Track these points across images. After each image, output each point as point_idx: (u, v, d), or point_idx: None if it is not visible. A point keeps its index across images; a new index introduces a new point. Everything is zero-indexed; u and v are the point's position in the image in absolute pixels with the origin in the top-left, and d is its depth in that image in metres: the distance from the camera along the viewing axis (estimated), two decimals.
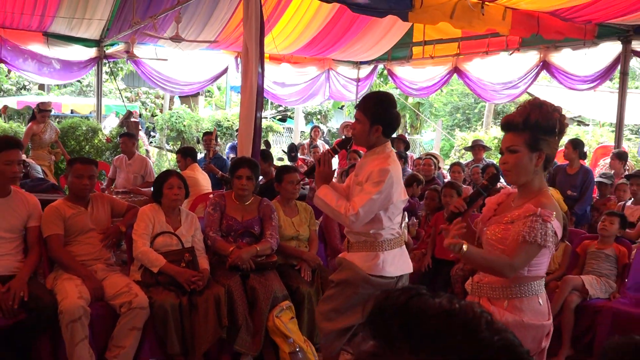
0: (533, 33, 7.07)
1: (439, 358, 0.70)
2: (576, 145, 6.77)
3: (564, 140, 12.36)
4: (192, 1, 7.37)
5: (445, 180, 7.78)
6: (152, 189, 7.21)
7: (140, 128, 10.41)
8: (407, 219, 5.97)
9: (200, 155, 8.32)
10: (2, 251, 3.82)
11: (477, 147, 8.80)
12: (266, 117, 13.91)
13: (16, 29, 8.87)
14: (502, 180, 5.23)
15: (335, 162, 9.02)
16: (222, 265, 4.28)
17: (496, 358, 0.70)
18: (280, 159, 10.63)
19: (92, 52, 9.71)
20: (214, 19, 8.89)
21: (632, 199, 6.17)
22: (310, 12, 9.02)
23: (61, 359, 3.70)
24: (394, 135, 11.90)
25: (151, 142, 14.67)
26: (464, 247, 2.35)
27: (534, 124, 2.42)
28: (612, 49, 7.96)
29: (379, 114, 3.20)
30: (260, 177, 5.91)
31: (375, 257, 3.23)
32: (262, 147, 7.67)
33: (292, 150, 9.88)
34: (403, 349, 0.72)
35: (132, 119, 10.13)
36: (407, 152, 9.63)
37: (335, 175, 6.12)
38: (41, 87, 18.04)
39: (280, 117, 20.10)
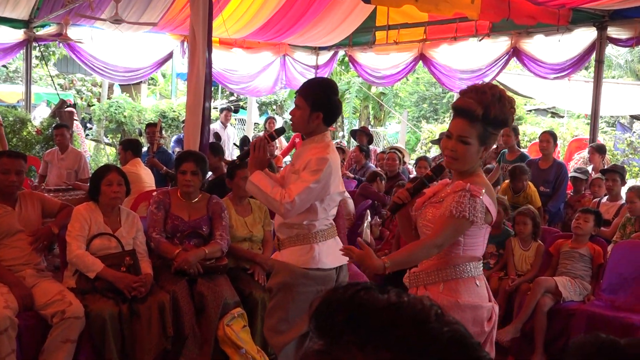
0: (504, 18, 7.21)
1: (387, 352, 0.72)
2: (555, 137, 7.01)
3: (538, 132, 12.61)
4: None
5: (411, 176, 7.88)
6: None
7: (75, 118, 10.21)
8: (369, 218, 6.04)
9: (144, 149, 8.22)
10: None
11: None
12: (216, 107, 13.80)
13: None
14: None
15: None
16: (167, 270, 4.26)
17: (446, 350, 0.73)
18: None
19: (19, 34, 9.46)
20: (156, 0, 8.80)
21: (608, 195, 6.34)
22: None
23: None
24: (357, 128, 12.04)
25: (87, 135, 14.44)
26: (386, 263, 2.51)
27: (491, 119, 2.52)
28: (586, 35, 8.15)
29: (320, 101, 3.26)
30: (210, 173, 5.88)
31: (310, 249, 3.29)
32: (212, 139, 7.65)
33: (245, 144, 9.84)
34: (350, 344, 0.74)
35: (66, 109, 9.92)
36: (370, 146, 9.72)
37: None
38: None
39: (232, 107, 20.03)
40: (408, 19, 9.36)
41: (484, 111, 2.49)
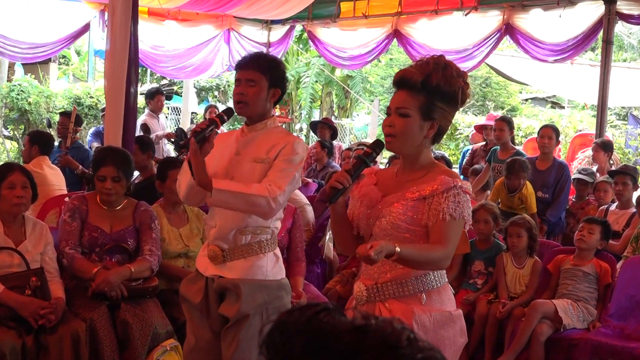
0: None
1: None
2: (557, 133, 7.06)
3: (537, 126, 12.71)
4: None
5: None
6: None
7: None
8: (330, 231, 6.07)
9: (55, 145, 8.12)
10: None
11: None
12: (143, 93, 13.70)
13: None
14: None
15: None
16: (83, 292, 4.24)
17: None
18: None
19: None
20: None
21: (617, 201, 6.38)
22: None
23: None
24: (317, 119, 12.02)
25: None
26: (397, 248, 2.49)
27: (434, 88, 2.63)
28: (592, 10, 8.22)
29: (279, 75, 3.39)
30: (137, 174, 5.86)
31: (275, 257, 3.45)
32: (139, 132, 7.60)
33: (181, 138, 9.78)
34: None
35: None
36: (334, 141, 9.74)
37: None
38: None
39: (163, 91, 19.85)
40: None
41: (423, 78, 2.61)
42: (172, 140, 10.03)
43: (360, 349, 0.76)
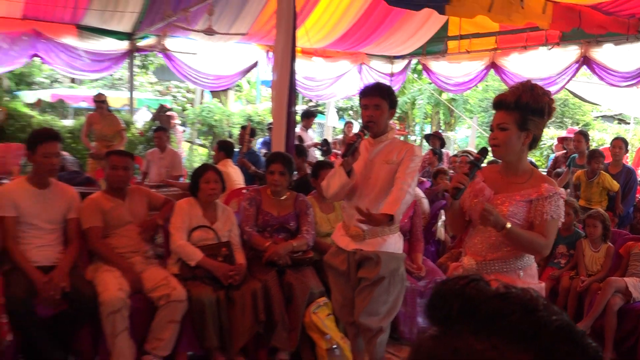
0: (574, 27, 6.97)
1: (498, 337, 0.73)
2: (626, 144, 6.87)
3: (607, 138, 12.14)
4: None
5: None
6: (181, 181, 7.34)
7: (177, 122, 10.49)
8: (443, 217, 5.97)
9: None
10: (43, 242, 3.91)
11: None
12: (297, 112, 13.94)
13: (50, 21, 8.99)
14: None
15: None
16: (259, 261, 4.32)
17: (555, 337, 0.73)
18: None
19: (124, 45, 9.77)
20: (245, 12, 8.92)
21: None
22: (344, 4, 9.01)
23: (101, 350, 3.79)
24: (430, 133, 11.90)
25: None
26: (508, 224, 2.57)
27: (525, 105, 2.59)
28: None
29: (394, 100, 3.45)
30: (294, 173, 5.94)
31: (399, 237, 3.50)
32: (296, 142, 7.72)
33: (325, 145, 9.92)
34: (463, 330, 0.75)
35: (166, 113, 10.23)
36: (442, 149, 9.61)
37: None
38: (73, 80, 18.26)
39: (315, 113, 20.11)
40: (480, 29, 9.18)
41: (516, 99, 2.59)
42: (319, 147, 10.12)
43: (505, 312, 0.74)
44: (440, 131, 14.55)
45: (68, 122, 11.96)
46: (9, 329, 3.48)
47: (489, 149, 2.76)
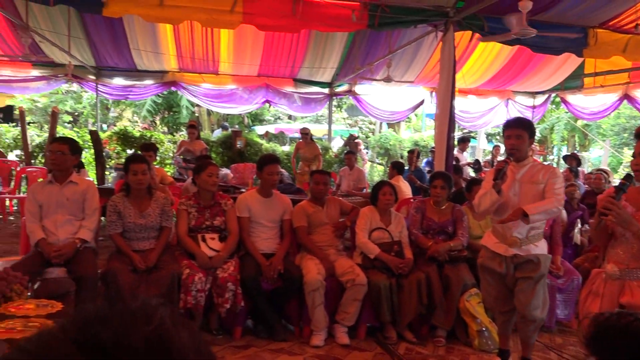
0: None
1: None
2: None
3: None
4: (399, 51, 7.43)
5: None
6: (364, 191, 7.42)
7: (361, 149, 10.69)
8: (579, 225, 5.40)
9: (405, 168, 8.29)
10: (266, 236, 4.17)
11: None
12: (454, 138, 13.46)
13: (276, 77, 9.75)
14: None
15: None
16: (423, 257, 4.23)
17: None
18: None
19: (325, 91, 10.26)
20: (415, 62, 8.88)
21: None
22: (494, 52, 8.56)
23: (304, 317, 3.95)
24: (567, 154, 10.85)
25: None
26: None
27: None
28: None
29: (533, 131, 3.24)
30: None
31: (545, 242, 3.28)
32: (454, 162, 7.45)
33: (476, 164, 9.51)
34: None
35: (354, 140, 10.48)
36: (579, 168, 8.68)
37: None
38: (289, 117, 19.52)
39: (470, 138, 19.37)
40: (613, 66, 8.13)
41: None
42: (472, 166, 9.68)
43: None
44: (575, 152, 13.21)
45: (286, 148, 12.74)
46: (242, 298, 3.76)
47: (632, 174, 2.48)
